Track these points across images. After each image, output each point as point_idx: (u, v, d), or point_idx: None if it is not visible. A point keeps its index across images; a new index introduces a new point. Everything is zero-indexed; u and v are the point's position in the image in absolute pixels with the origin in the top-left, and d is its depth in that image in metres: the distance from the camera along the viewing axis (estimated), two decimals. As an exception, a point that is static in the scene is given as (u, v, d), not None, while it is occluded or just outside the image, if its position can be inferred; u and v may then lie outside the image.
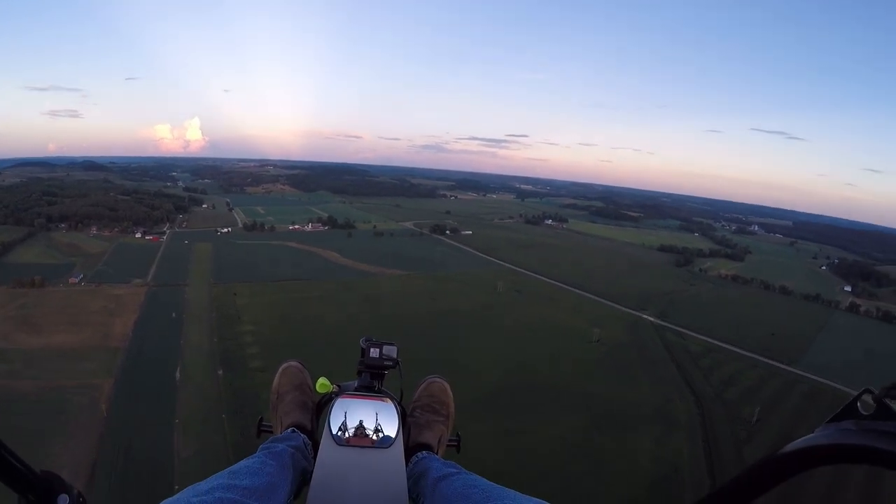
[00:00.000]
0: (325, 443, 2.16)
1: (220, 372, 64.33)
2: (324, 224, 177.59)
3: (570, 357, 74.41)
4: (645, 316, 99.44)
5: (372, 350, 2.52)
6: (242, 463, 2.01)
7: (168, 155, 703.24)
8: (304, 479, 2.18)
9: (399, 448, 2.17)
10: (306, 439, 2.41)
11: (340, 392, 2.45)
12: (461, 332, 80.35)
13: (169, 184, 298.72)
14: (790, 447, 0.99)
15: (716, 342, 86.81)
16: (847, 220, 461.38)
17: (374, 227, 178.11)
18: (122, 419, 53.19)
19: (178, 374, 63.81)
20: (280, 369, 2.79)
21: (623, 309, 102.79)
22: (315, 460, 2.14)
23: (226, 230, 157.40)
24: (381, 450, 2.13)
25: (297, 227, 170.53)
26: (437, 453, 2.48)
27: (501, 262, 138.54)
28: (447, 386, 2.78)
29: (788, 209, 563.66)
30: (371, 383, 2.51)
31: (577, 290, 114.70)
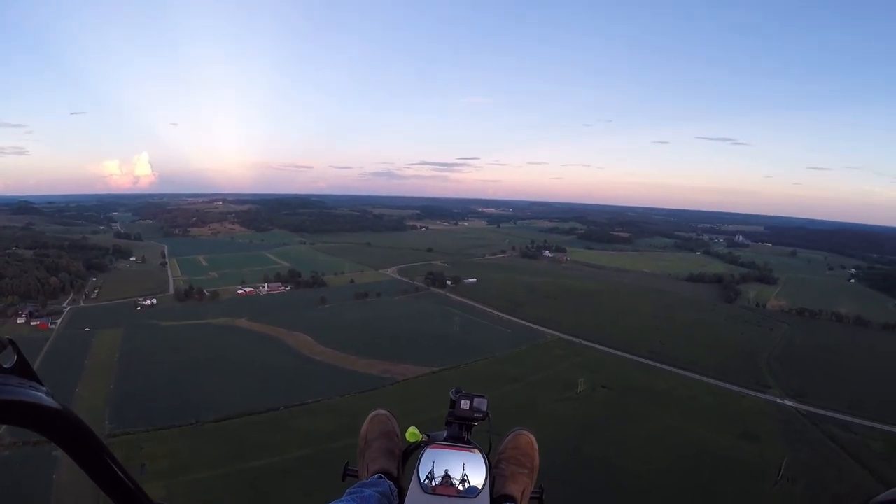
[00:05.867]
0: (412, 490, 2.21)
1: None
2: (284, 283, 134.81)
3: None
4: (780, 401, 73.36)
5: (462, 402, 2.52)
6: None
7: (118, 192, 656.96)
8: None
9: (484, 499, 2.20)
10: (392, 486, 2.48)
11: (430, 441, 2.48)
12: (558, 486, 43.53)
13: (102, 227, 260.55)
14: (884, 497, 0.96)
15: (881, 426, 65.24)
16: (814, 220, 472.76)
17: (352, 280, 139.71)
18: None
19: None
20: (369, 417, 2.82)
21: (743, 392, 76.99)
22: None
23: (149, 302, 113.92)
24: (466, 499, 2.16)
25: (248, 290, 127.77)
26: None
27: (541, 328, 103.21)
28: (533, 439, 2.75)
29: (748, 213, 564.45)
30: (460, 434, 2.53)
31: (668, 368, 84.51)
